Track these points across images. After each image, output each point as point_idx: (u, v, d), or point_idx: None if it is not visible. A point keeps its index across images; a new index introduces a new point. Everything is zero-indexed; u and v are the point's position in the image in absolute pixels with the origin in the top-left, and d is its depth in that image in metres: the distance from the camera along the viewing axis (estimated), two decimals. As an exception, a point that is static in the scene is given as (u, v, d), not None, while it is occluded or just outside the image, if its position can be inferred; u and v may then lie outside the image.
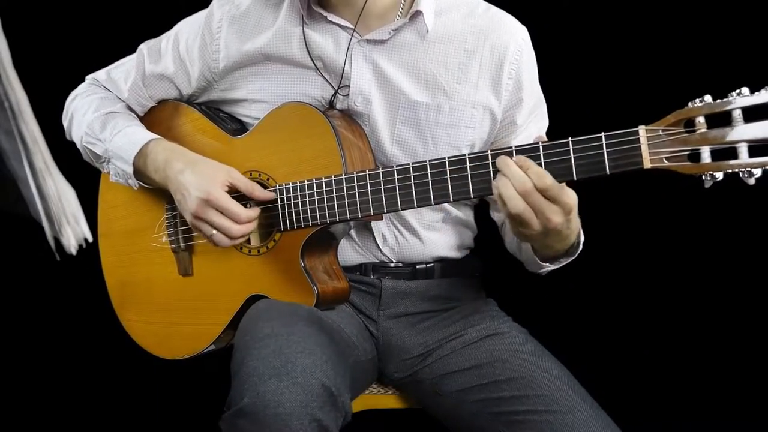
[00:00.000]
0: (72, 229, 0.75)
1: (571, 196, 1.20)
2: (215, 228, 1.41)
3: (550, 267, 1.42)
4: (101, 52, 1.75)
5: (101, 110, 1.58)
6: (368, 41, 1.47)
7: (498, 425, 1.38)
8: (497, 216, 1.59)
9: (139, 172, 1.51)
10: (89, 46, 2.22)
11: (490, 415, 1.39)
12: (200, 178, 1.42)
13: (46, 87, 1.60)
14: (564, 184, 1.20)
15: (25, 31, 2.11)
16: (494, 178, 1.23)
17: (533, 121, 1.54)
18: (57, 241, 0.75)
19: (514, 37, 1.50)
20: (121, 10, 2.31)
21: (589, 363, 1.66)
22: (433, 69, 1.47)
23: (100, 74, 1.67)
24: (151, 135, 1.52)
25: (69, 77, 1.74)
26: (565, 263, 1.40)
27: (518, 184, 1.18)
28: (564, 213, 1.20)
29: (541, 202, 1.18)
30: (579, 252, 1.37)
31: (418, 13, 1.45)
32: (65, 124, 1.66)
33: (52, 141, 0.76)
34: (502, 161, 1.21)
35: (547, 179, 1.17)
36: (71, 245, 0.75)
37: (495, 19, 1.50)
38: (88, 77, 1.69)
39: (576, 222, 1.27)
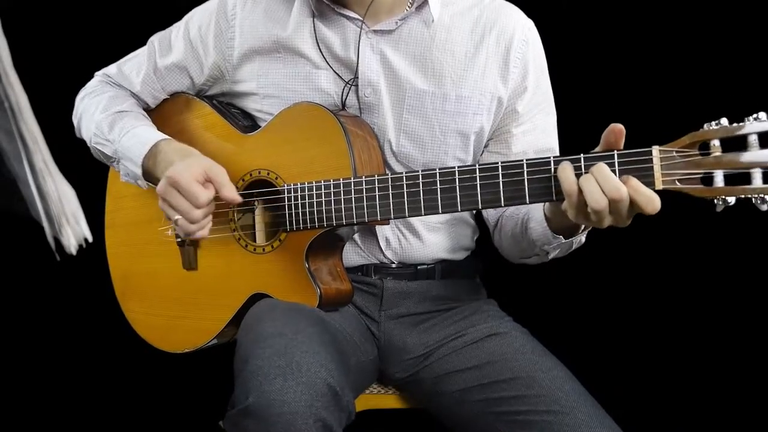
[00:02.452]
0: (72, 229, 0.75)
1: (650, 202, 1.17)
2: (177, 211, 1.37)
3: (556, 243, 1.37)
4: (102, 52, 1.74)
5: (110, 109, 1.57)
6: (375, 32, 1.48)
7: (499, 425, 1.38)
8: (492, 214, 1.58)
9: (148, 173, 1.49)
10: (90, 46, 2.22)
11: (490, 415, 1.39)
12: (179, 165, 1.38)
13: (46, 87, 1.61)
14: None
15: (25, 31, 2.11)
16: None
17: (538, 114, 1.54)
18: (57, 241, 0.75)
19: (520, 26, 1.52)
20: (121, 10, 2.31)
21: (590, 363, 1.66)
22: (440, 57, 1.48)
23: (111, 69, 1.66)
24: (160, 135, 1.50)
25: (70, 77, 1.73)
26: (574, 243, 1.39)
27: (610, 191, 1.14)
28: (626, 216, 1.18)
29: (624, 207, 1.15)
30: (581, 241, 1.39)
31: (424, 3, 1.47)
32: (75, 122, 1.65)
33: (52, 141, 0.76)
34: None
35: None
36: (71, 245, 0.75)
37: (501, 10, 1.53)
38: (98, 73, 1.68)
39: None
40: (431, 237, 1.55)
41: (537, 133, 1.54)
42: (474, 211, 1.63)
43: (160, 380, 2.24)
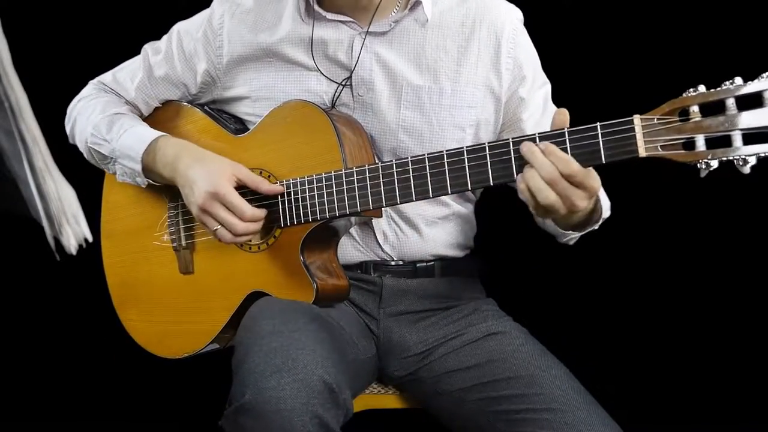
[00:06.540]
0: (72, 229, 0.75)
1: (596, 180, 1.23)
2: (220, 223, 1.41)
3: (574, 234, 1.44)
4: (101, 52, 1.75)
5: (107, 111, 1.58)
6: (369, 33, 1.49)
7: (498, 424, 1.38)
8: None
9: (147, 170, 1.52)
10: (89, 46, 2.23)
11: (490, 413, 1.39)
12: (208, 172, 1.43)
13: (46, 87, 1.61)
14: (590, 168, 1.22)
15: (25, 31, 2.12)
16: (515, 169, 1.24)
17: (537, 92, 1.56)
18: (57, 241, 0.75)
19: (510, 18, 1.54)
20: (120, 10, 2.32)
21: (589, 362, 1.66)
22: (433, 54, 1.50)
23: (106, 77, 1.67)
24: (158, 132, 1.53)
25: (69, 77, 1.74)
26: (589, 230, 1.43)
27: (546, 174, 1.19)
28: (588, 197, 1.22)
29: (567, 188, 1.20)
30: (603, 219, 1.42)
31: (417, 3, 1.49)
32: (68, 128, 1.66)
33: (52, 141, 0.76)
34: (528, 150, 1.21)
35: (573, 165, 1.19)
36: (71, 245, 0.75)
37: (489, 3, 1.54)
38: (92, 81, 1.69)
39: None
40: (429, 231, 1.55)
41: (541, 111, 1.55)
42: (473, 203, 1.64)
43: (161, 380, 2.23)
